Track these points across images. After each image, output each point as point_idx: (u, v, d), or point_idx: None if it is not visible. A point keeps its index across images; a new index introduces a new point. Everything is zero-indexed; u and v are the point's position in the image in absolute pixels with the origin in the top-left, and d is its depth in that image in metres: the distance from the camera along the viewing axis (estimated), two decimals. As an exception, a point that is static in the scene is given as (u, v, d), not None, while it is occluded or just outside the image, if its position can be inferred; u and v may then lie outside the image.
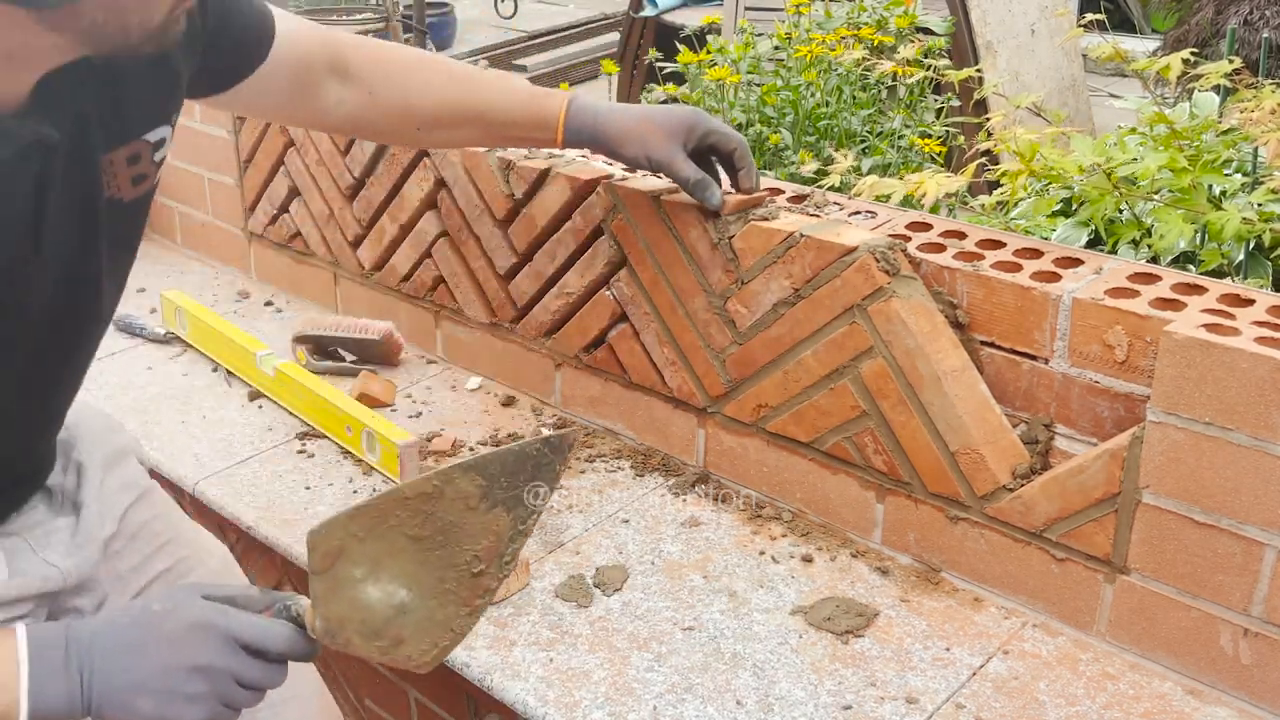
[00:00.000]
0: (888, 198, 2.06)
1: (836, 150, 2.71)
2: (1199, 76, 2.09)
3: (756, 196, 1.61)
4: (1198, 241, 1.94)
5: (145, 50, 0.97)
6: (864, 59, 2.93)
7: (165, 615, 1.05)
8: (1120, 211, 1.98)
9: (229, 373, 2.12)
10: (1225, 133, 2.15)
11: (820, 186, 2.51)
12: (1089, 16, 2.32)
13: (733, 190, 1.62)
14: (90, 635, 1.03)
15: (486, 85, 1.59)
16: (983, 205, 2.27)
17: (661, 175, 1.63)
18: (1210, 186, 1.93)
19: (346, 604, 1.06)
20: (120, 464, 1.37)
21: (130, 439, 1.42)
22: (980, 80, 2.20)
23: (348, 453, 1.87)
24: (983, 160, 2.10)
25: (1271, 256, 1.92)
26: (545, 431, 1.90)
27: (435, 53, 1.27)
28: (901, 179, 2.06)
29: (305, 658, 1.08)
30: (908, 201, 2.40)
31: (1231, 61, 2.10)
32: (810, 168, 2.68)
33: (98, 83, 1.05)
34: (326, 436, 1.91)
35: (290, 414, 1.99)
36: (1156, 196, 1.90)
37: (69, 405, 1.25)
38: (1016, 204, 2.27)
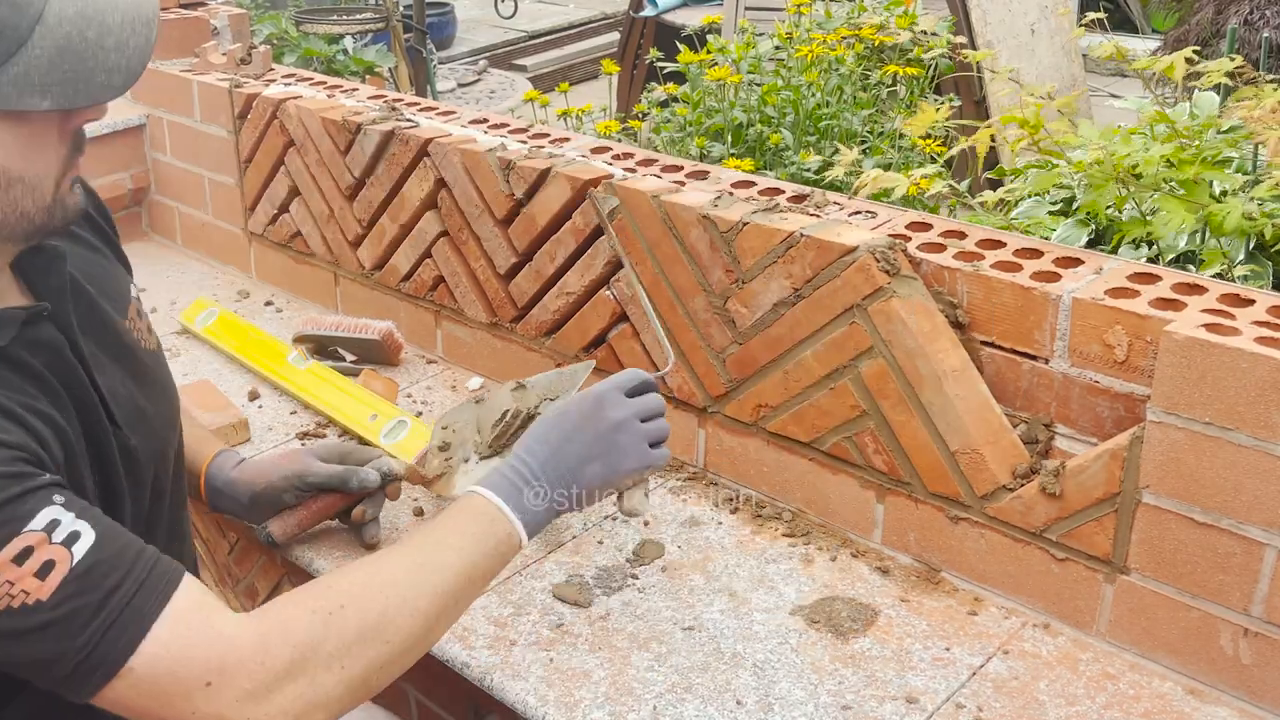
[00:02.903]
0: (890, 192, 2.06)
1: (840, 145, 2.71)
2: (1200, 75, 2.09)
3: (394, 489, 1.59)
4: (1199, 241, 1.94)
5: (58, 225, 1.11)
6: (865, 55, 2.93)
7: (565, 412, 1.31)
8: (1123, 206, 1.98)
9: (236, 369, 2.13)
10: (1226, 131, 2.15)
11: (823, 180, 2.51)
12: (1090, 15, 2.31)
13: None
14: (525, 454, 1.28)
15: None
16: (982, 204, 2.27)
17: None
18: (1211, 184, 1.93)
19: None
20: None
21: None
22: (981, 77, 2.20)
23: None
24: (988, 132, 2.09)
25: (1272, 254, 1.92)
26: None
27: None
28: (906, 175, 2.06)
29: (654, 388, 1.38)
30: (909, 200, 2.40)
31: (1233, 59, 2.10)
32: (814, 162, 2.68)
33: (58, 268, 1.18)
34: (324, 435, 1.92)
35: (292, 414, 1.99)
36: (1157, 190, 1.90)
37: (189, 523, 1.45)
38: (1017, 204, 2.27)
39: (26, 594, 0.98)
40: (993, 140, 2.17)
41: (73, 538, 1.00)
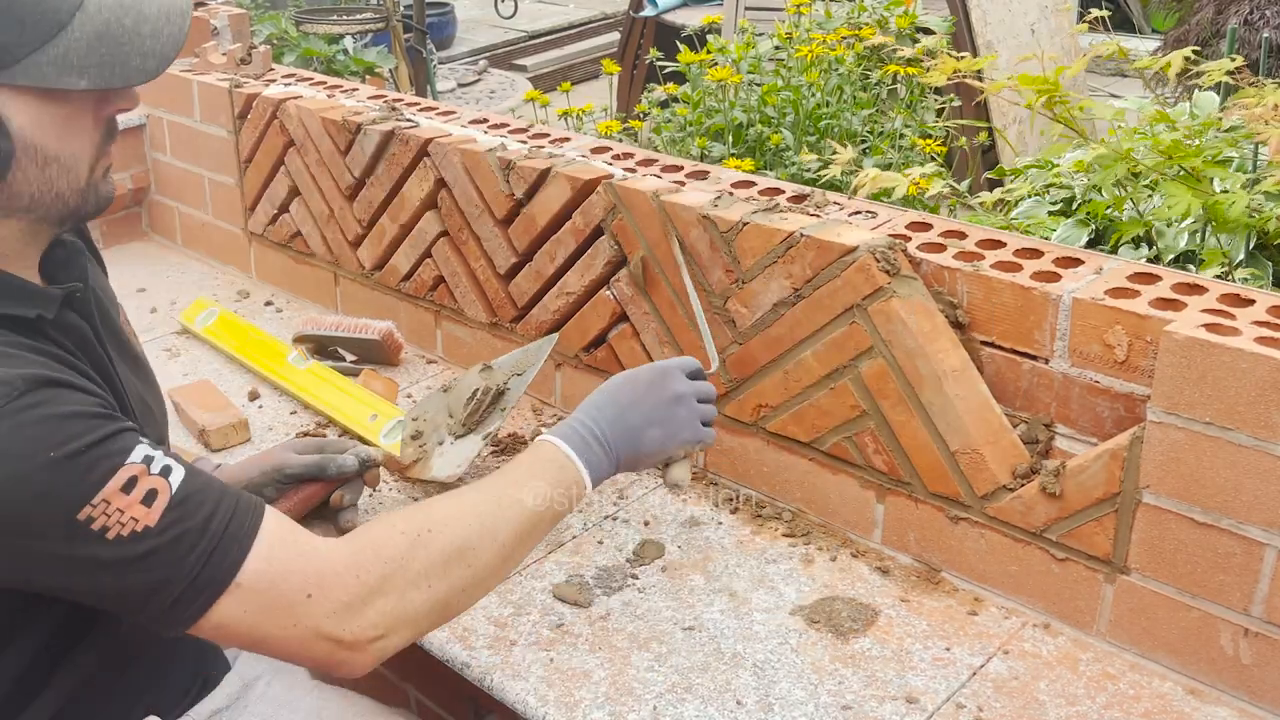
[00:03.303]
0: (889, 192, 2.06)
1: (838, 145, 2.71)
2: (1200, 74, 2.09)
3: (372, 475, 1.61)
4: (1199, 241, 1.94)
5: (90, 210, 1.16)
6: (865, 55, 2.93)
7: (633, 379, 1.40)
8: (1122, 206, 1.98)
9: (237, 369, 2.13)
10: (1226, 131, 2.15)
11: (821, 179, 2.51)
12: (1094, 12, 2.31)
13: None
14: (594, 410, 1.36)
15: None
16: (982, 204, 2.27)
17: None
18: (1213, 181, 1.93)
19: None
20: None
21: None
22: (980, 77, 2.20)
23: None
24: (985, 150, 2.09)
25: (1273, 249, 1.92)
26: (545, 432, 1.90)
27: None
28: (904, 175, 2.05)
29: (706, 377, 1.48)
30: (909, 199, 2.40)
31: (1234, 59, 2.10)
32: (811, 159, 2.68)
33: (80, 259, 1.24)
34: (324, 435, 1.92)
35: (292, 414, 1.99)
36: (1157, 190, 1.90)
37: None
38: (1017, 204, 2.27)
39: (136, 521, 1.03)
40: (993, 141, 2.17)
41: (166, 470, 1.06)
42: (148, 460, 1.05)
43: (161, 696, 1.32)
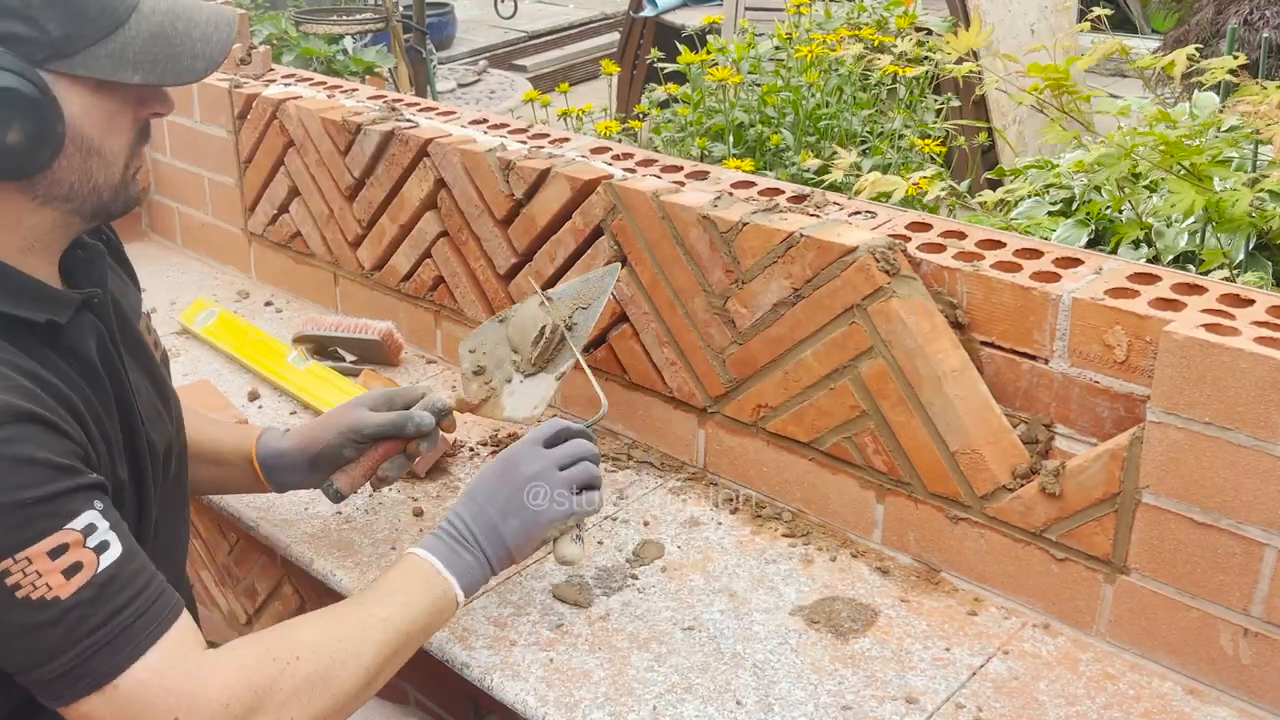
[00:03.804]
0: (889, 195, 2.06)
1: (839, 147, 2.71)
2: (1201, 73, 2.09)
3: (449, 423, 1.59)
4: (1199, 241, 1.94)
5: (120, 208, 1.19)
6: (865, 55, 2.93)
7: (485, 471, 1.37)
8: (1120, 207, 1.98)
9: (238, 369, 2.13)
10: (1226, 131, 2.15)
11: (822, 183, 2.51)
12: (1096, 10, 2.31)
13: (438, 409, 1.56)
14: (455, 514, 1.34)
15: (204, 422, 1.61)
16: (982, 204, 2.27)
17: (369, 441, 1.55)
18: (1214, 180, 1.93)
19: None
20: None
21: None
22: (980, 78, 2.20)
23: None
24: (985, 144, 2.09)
25: (1273, 248, 1.92)
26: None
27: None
28: (905, 178, 2.05)
29: (582, 435, 1.41)
30: (908, 201, 2.40)
31: (1236, 57, 2.10)
32: (814, 164, 2.68)
33: (101, 263, 1.26)
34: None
35: (292, 414, 1.99)
36: (1157, 190, 1.90)
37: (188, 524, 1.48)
38: (1017, 204, 2.27)
39: (49, 588, 1.02)
40: (993, 141, 2.17)
41: (102, 547, 1.05)
42: (88, 530, 1.04)
43: None
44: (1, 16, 1.04)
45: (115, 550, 1.06)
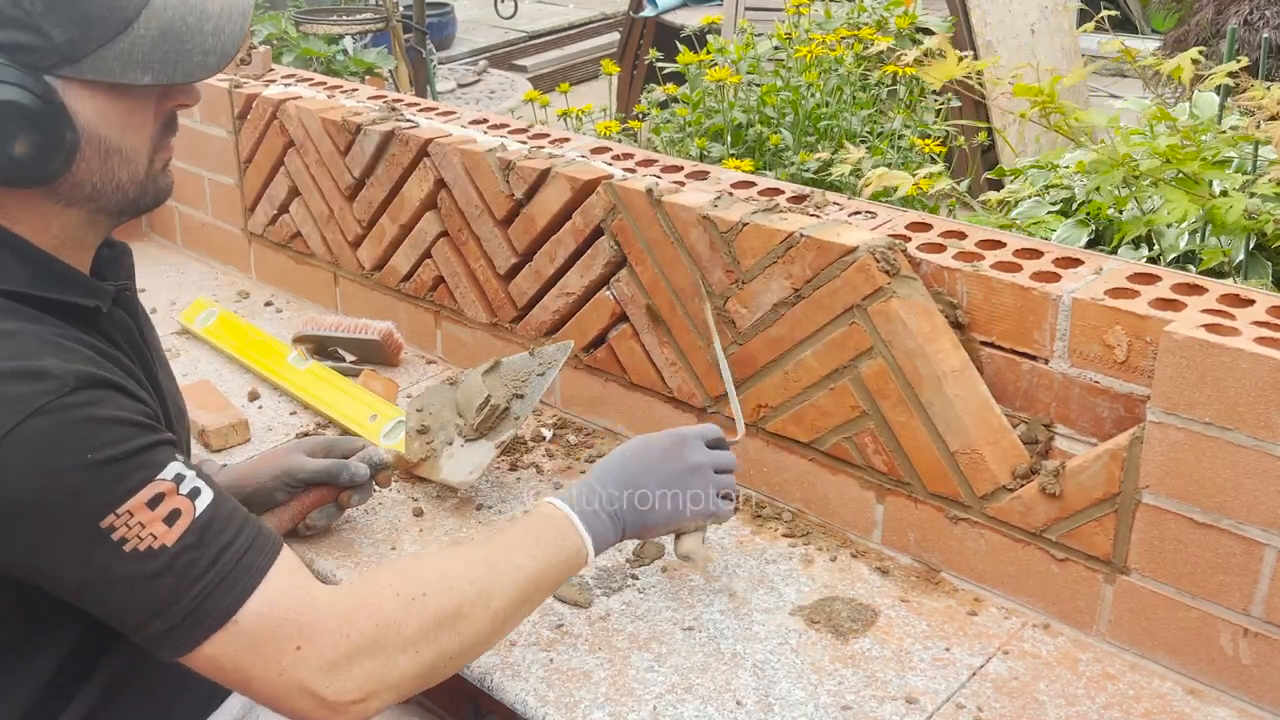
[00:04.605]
0: (895, 189, 2.06)
1: (838, 148, 2.71)
2: (1204, 76, 2.09)
3: (384, 477, 1.61)
4: (1199, 240, 1.94)
5: (148, 202, 1.18)
6: (864, 55, 2.92)
7: (648, 444, 1.39)
8: (1124, 205, 1.98)
9: (238, 369, 2.13)
10: (1224, 132, 2.15)
11: (827, 179, 2.51)
12: (1104, 13, 2.31)
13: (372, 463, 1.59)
14: (604, 476, 1.35)
15: None
16: (984, 203, 2.27)
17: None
18: (1212, 183, 1.93)
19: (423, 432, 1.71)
20: None
21: None
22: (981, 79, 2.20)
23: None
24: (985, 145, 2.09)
25: (1272, 252, 1.92)
26: (545, 433, 1.90)
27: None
28: (912, 172, 2.05)
29: (728, 446, 1.47)
30: (908, 201, 2.40)
31: (1239, 60, 2.09)
32: (821, 157, 2.68)
33: (128, 260, 1.29)
34: (325, 435, 1.92)
35: (292, 414, 1.99)
36: (1157, 190, 1.89)
37: None
38: (1017, 204, 2.27)
39: (154, 537, 1.03)
40: (993, 141, 2.17)
41: (194, 492, 1.07)
42: (178, 479, 1.06)
43: (179, 711, 1.32)
44: (4, 26, 1.04)
45: (207, 495, 1.07)
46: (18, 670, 1.13)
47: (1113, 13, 2.34)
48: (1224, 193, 1.94)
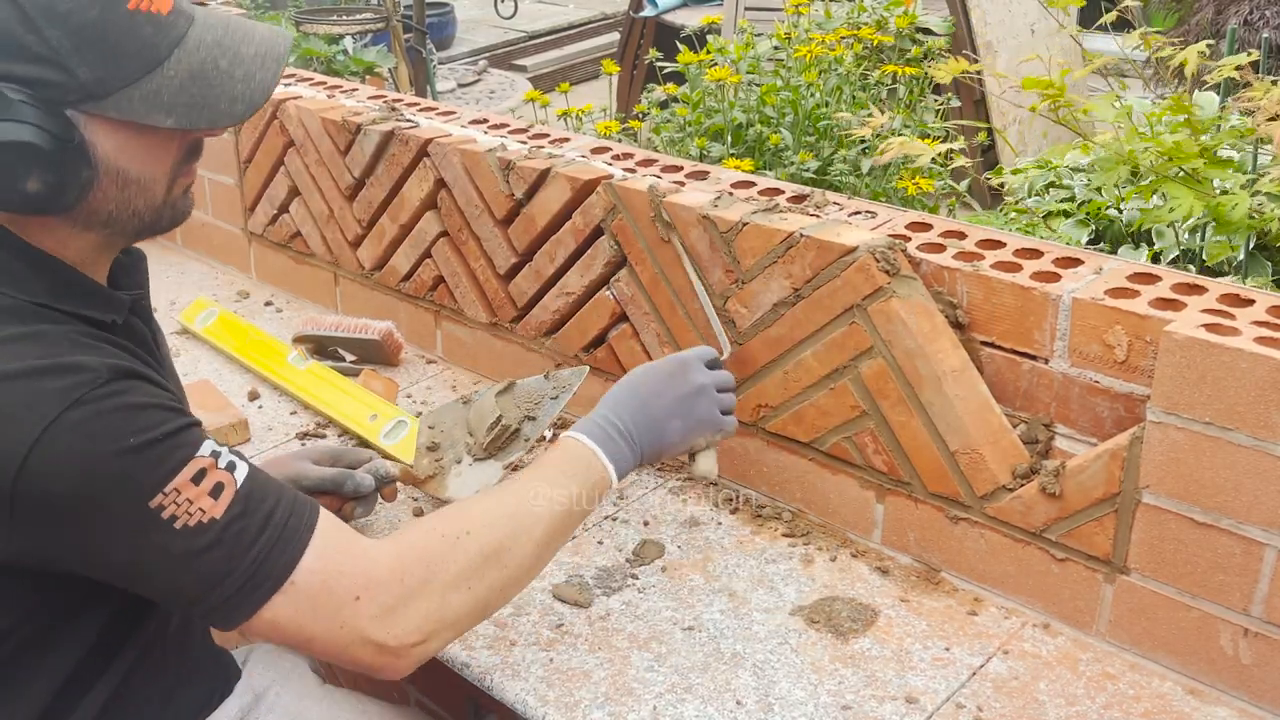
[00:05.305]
0: (917, 156, 2.04)
1: (873, 107, 2.69)
2: (1209, 71, 2.09)
3: (390, 490, 1.63)
4: (1199, 240, 1.94)
5: (165, 225, 1.21)
6: (863, 56, 2.93)
7: (653, 370, 1.45)
8: (1130, 199, 1.98)
9: (239, 369, 2.13)
10: (1233, 127, 2.14)
11: (853, 139, 2.49)
12: (1111, 15, 2.31)
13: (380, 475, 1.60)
14: (615, 405, 1.40)
15: None
16: (989, 184, 2.26)
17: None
18: (1214, 182, 1.93)
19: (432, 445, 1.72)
20: None
21: None
22: (980, 79, 2.20)
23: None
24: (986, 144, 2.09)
25: (1273, 253, 1.92)
26: (546, 433, 1.90)
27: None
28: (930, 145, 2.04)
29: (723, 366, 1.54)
30: (909, 200, 2.40)
31: (1249, 54, 2.09)
32: (845, 117, 2.67)
33: (143, 267, 1.36)
34: (324, 436, 1.92)
35: (292, 414, 1.99)
36: (1159, 190, 1.89)
37: None
38: (1017, 203, 2.27)
39: (203, 512, 1.06)
40: (993, 141, 2.16)
41: (231, 465, 1.10)
42: (215, 455, 1.09)
43: (184, 706, 1.32)
44: (30, 61, 1.03)
45: (243, 467, 1.11)
46: (35, 667, 1.14)
47: (1112, 17, 2.33)
48: (1224, 192, 1.95)
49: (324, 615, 1.10)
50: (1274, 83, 1.93)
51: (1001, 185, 2.22)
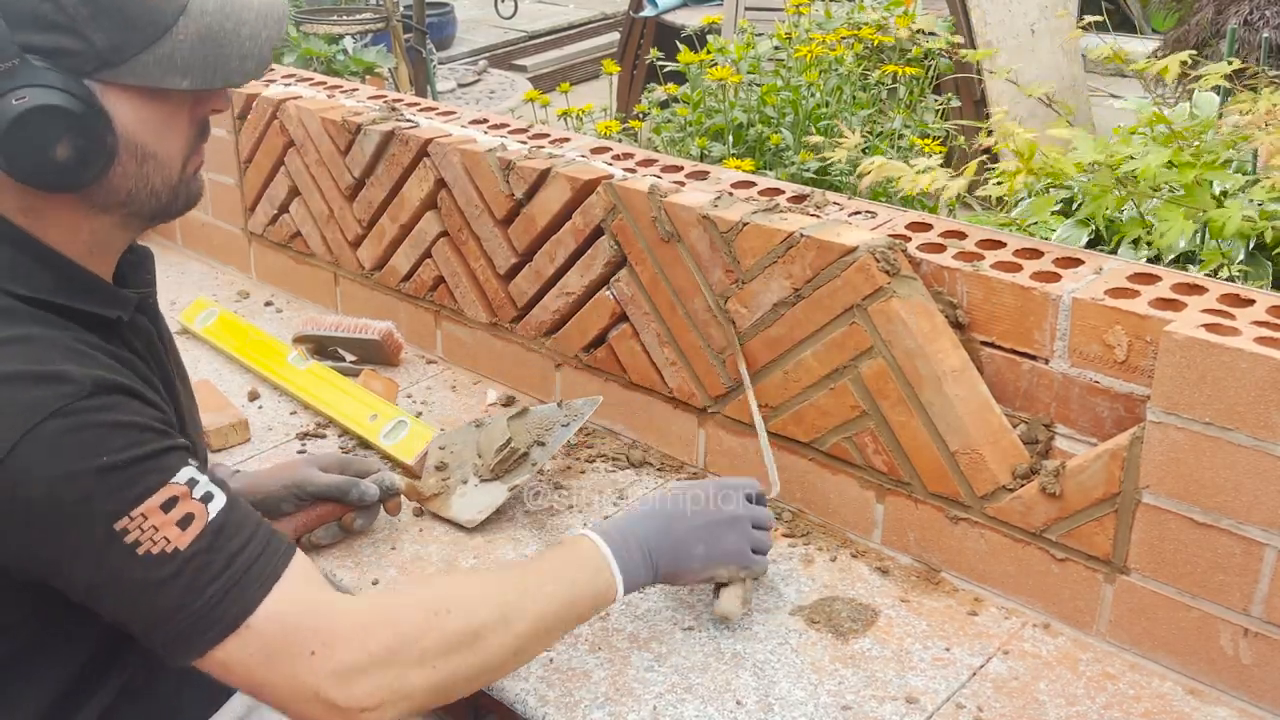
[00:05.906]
0: (895, 181, 2.04)
1: (842, 128, 2.70)
2: (1198, 77, 2.09)
3: (394, 504, 1.62)
4: (1198, 241, 1.94)
5: (180, 207, 1.20)
6: (864, 57, 2.93)
7: (688, 490, 1.41)
8: (1121, 212, 1.98)
9: (238, 369, 2.13)
10: (1225, 133, 2.14)
11: (830, 164, 2.49)
12: (1089, 19, 2.31)
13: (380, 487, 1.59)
14: (641, 519, 1.35)
15: None
16: (985, 197, 2.26)
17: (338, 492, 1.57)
18: (1212, 184, 1.93)
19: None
20: None
21: None
22: (980, 72, 2.20)
23: (346, 452, 1.87)
24: (984, 160, 2.08)
25: (1272, 255, 1.92)
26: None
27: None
28: (910, 165, 2.04)
29: (766, 503, 1.48)
30: (908, 201, 2.39)
31: (1231, 63, 2.10)
32: (819, 155, 2.67)
33: (150, 265, 1.33)
34: (324, 436, 1.92)
35: (292, 414, 1.99)
36: (1158, 194, 1.89)
37: None
38: (1017, 204, 2.27)
39: (167, 541, 1.03)
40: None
41: (208, 497, 1.07)
42: (191, 483, 1.06)
43: (187, 709, 1.32)
44: (47, 30, 1.03)
45: (220, 499, 1.08)
46: (33, 676, 1.13)
47: (1102, 18, 2.33)
48: (1223, 193, 1.95)
49: (277, 664, 1.07)
50: (1274, 80, 1.93)
51: (1000, 200, 2.21)
